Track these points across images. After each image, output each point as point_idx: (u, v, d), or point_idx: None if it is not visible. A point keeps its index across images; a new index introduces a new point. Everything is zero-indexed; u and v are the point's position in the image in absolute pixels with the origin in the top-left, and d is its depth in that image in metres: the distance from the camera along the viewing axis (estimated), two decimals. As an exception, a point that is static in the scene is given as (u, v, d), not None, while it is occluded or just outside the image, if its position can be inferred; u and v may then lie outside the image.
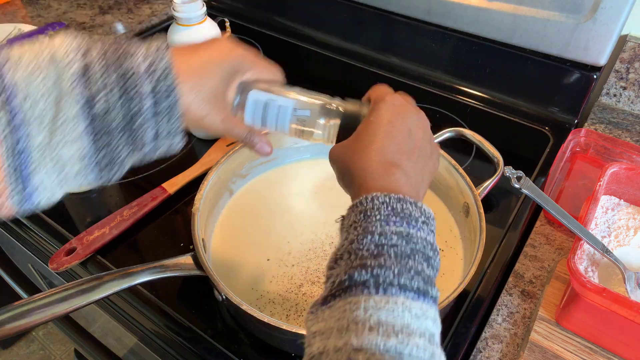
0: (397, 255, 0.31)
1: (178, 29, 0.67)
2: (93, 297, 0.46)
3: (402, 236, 0.32)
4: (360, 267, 0.31)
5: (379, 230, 0.32)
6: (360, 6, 0.94)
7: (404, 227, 0.33)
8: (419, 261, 0.32)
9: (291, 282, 0.57)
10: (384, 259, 0.31)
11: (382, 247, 0.32)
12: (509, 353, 0.51)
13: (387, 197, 0.34)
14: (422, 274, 0.32)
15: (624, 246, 0.55)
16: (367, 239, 0.32)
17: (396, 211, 0.33)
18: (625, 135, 0.78)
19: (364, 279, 0.30)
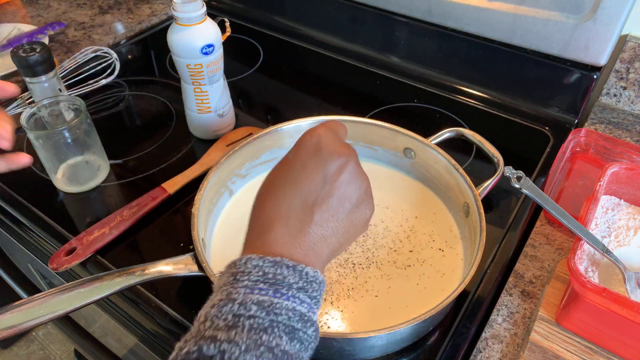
0: (252, 329, 0.29)
1: (178, 28, 0.67)
2: (93, 297, 0.46)
3: (264, 307, 0.30)
4: (210, 340, 0.29)
5: (240, 299, 0.30)
6: (360, 6, 0.94)
7: (269, 295, 0.30)
8: (276, 335, 0.29)
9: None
10: (236, 332, 0.29)
11: (238, 318, 0.29)
12: (509, 353, 0.51)
13: (261, 259, 0.32)
14: (277, 350, 0.29)
15: (624, 246, 0.55)
16: (227, 307, 0.30)
17: (267, 277, 0.31)
18: (626, 135, 0.78)
19: (211, 354, 0.28)
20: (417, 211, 0.65)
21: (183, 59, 0.68)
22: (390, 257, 0.59)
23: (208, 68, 0.69)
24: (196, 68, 0.69)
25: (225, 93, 0.76)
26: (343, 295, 0.55)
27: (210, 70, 0.70)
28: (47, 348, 1.45)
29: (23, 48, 0.70)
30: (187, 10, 0.66)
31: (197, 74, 0.70)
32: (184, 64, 0.69)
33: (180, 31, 0.67)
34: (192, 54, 0.67)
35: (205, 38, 0.67)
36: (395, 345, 0.51)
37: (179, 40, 0.67)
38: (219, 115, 0.75)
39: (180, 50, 0.68)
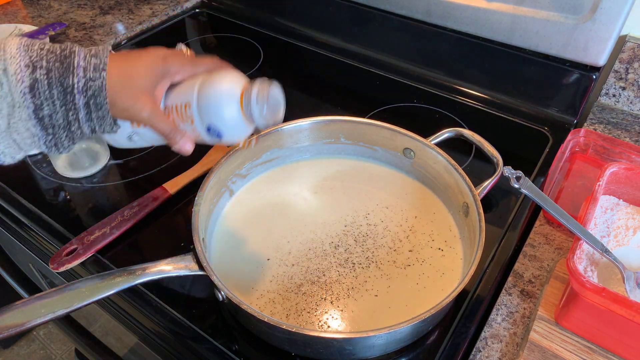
0: None
1: None
2: (94, 296, 0.47)
3: None
4: None
5: None
6: (360, 6, 0.94)
7: None
8: None
9: (291, 281, 0.57)
10: None
11: None
12: (508, 352, 0.51)
13: None
14: None
15: (623, 246, 0.55)
16: None
17: None
18: (625, 135, 0.78)
19: None
20: (417, 211, 0.65)
21: (190, 106, 0.48)
22: (390, 257, 0.59)
23: (193, 130, 0.48)
24: (185, 117, 0.48)
25: None
26: (343, 294, 0.55)
27: (189, 130, 0.49)
28: (48, 347, 1.45)
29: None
30: None
31: (178, 118, 0.48)
32: (185, 106, 0.48)
33: None
34: (201, 118, 0.47)
35: None
36: (395, 345, 0.52)
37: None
38: (128, 138, 0.51)
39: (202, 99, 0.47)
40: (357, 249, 0.60)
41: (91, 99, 0.43)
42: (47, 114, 0.42)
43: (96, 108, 0.43)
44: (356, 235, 0.62)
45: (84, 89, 0.42)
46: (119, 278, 0.48)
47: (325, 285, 0.56)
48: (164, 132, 0.47)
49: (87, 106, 0.43)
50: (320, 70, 0.99)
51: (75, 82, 0.42)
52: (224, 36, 1.09)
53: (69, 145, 0.44)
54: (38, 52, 0.41)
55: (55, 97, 0.41)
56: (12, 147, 0.42)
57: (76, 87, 0.42)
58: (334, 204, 0.66)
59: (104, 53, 0.44)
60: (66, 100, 0.42)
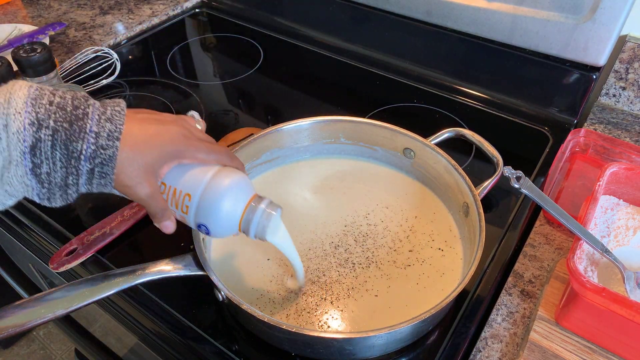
0: None
1: None
2: (93, 297, 0.47)
3: None
4: None
5: None
6: (360, 6, 0.94)
7: None
8: None
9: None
10: None
11: None
12: (508, 353, 0.51)
13: None
14: None
15: (624, 246, 0.55)
16: None
17: None
18: (625, 135, 0.78)
19: None
20: (417, 211, 0.65)
21: (186, 197, 0.46)
22: (390, 257, 0.59)
23: (182, 218, 0.47)
24: (179, 202, 0.46)
25: None
26: (343, 294, 0.55)
27: (179, 217, 0.48)
28: (48, 347, 1.45)
29: (24, 48, 0.70)
30: None
31: (171, 202, 0.47)
32: (182, 193, 0.46)
33: None
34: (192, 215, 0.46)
35: None
36: (395, 345, 0.52)
37: None
38: None
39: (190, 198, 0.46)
40: (357, 249, 0.60)
41: (97, 167, 0.40)
42: (45, 172, 0.39)
43: (100, 176, 0.41)
44: (356, 235, 0.62)
45: (92, 156, 0.39)
46: (119, 278, 0.48)
47: (325, 285, 0.56)
48: (154, 213, 0.46)
49: (90, 173, 0.40)
50: (320, 70, 0.99)
51: (84, 148, 0.39)
52: (224, 36, 1.09)
53: (61, 203, 0.42)
54: (46, 108, 0.38)
55: (57, 159, 0.38)
56: (2, 196, 0.40)
57: (84, 154, 0.39)
58: (334, 204, 0.66)
59: (120, 117, 0.40)
60: (69, 164, 0.39)
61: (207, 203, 0.45)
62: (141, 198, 0.44)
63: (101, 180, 0.41)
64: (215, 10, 1.15)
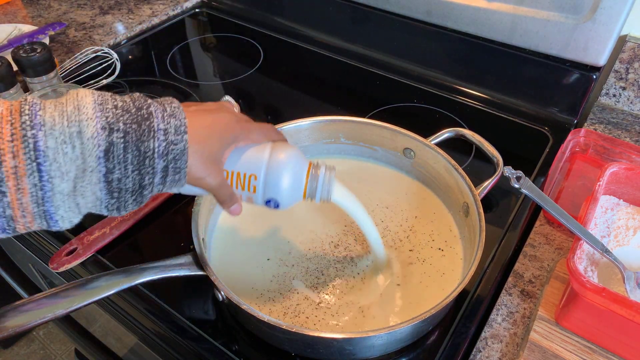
0: None
1: None
2: (93, 297, 0.47)
3: None
4: None
5: None
6: (360, 6, 0.94)
7: None
8: None
9: (291, 281, 0.57)
10: None
11: None
12: (508, 353, 0.51)
13: None
14: None
15: (624, 246, 0.55)
16: None
17: None
18: (625, 135, 0.78)
19: None
20: (417, 211, 0.65)
21: (250, 176, 0.48)
22: (388, 256, 0.59)
23: (245, 195, 0.49)
24: (245, 185, 0.48)
25: None
26: (342, 294, 0.55)
27: (243, 197, 0.49)
28: (48, 347, 1.45)
29: (24, 48, 0.70)
30: None
31: (236, 185, 0.48)
32: (245, 175, 0.48)
33: None
34: (261, 190, 0.48)
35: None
36: (395, 345, 0.52)
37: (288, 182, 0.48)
38: None
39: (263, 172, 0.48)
40: (357, 248, 0.60)
41: (171, 162, 0.41)
42: (116, 178, 0.39)
43: (174, 172, 0.41)
44: (356, 235, 0.62)
45: (165, 152, 0.40)
46: (119, 278, 0.48)
47: (325, 285, 0.56)
48: (223, 199, 0.47)
49: (164, 170, 0.41)
50: (320, 70, 0.99)
51: (156, 146, 0.40)
52: (224, 36, 1.09)
53: (132, 209, 0.42)
54: (114, 112, 0.38)
55: (129, 162, 0.39)
56: (72, 211, 0.40)
57: (157, 152, 0.40)
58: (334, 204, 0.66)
59: (180, 113, 0.42)
60: (142, 166, 0.39)
61: (272, 178, 0.47)
62: (213, 187, 0.45)
63: (175, 176, 0.42)
64: (215, 10, 1.15)
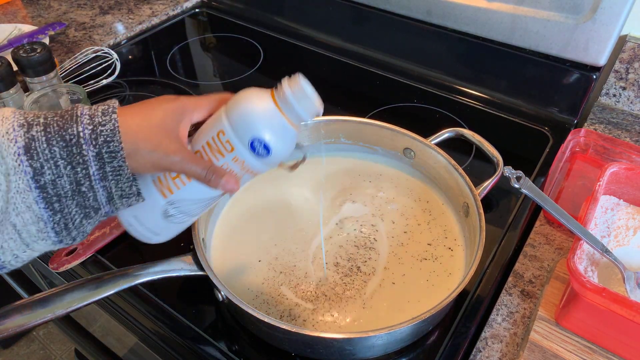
0: None
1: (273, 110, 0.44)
2: (93, 297, 0.47)
3: None
4: None
5: None
6: (360, 6, 0.94)
7: None
8: None
9: (291, 281, 0.57)
10: None
11: None
12: (508, 353, 0.51)
13: None
14: None
15: (624, 246, 0.55)
16: None
17: None
18: (625, 135, 0.78)
19: None
20: (417, 211, 0.65)
21: (225, 128, 0.42)
22: (387, 260, 0.59)
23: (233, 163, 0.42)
24: (223, 147, 0.42)
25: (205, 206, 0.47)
26: (342, 294, 0.55)
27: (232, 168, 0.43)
28: (48, 347, 1.45)
29: (24, 48, 0.70)
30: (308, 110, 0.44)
31: (214, 152, 0.43)
32: (219, 132, 0.42)
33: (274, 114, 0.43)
34: (240, 133, 0.42)
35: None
36: (395, 345, 0.51)
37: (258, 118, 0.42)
38: (164, 213, 0.45)
39: (237, 116, 0.42)
40: (356, 250, 0.60)
41: (103, 147, 0.36)
42: (49, 180, 0.34)
43: (110, 157, 0.36)
44: (354, 236, 0.62)
45: (92, 136, 0.35)
46: (119, 278, 0.48)
47: (324, 290, 0.56)
48: (202, 174, 0.40)
49: (98, 158, 0.36)
50: (320, 69, 0.99)
51: (80, 130, 0.35)
52: (224, 36, 1.09)
53: (82, 224, 0.37)
54: (35, 114, 0.36)
55: (57, 157, 0.34)
56: (13, 240, 0.35)
57: (82, 136, 0.35)
58: (334, 202, 0.66)
59: (111, 101, 0.38)
60: (72, 155, 0.35)
61: (237, 117, 0.41)
62: (175, 162, 0.39)
63: (113, 162, 0.36)
64: (215, 10, 1.15)
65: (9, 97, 0.69)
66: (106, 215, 0.39)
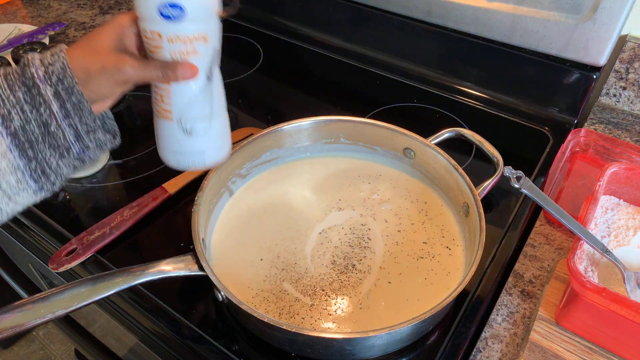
0: None
1: None
2: (93, 297, 0.47)
3: None
4: None
5: None
6: (360, 6, 0.94)
7: None
8: None
9: (291, 281, 0.57)
10: None
11: None
12: (508, 353, 0.51)
13: None
14: None
15: (624, 246, 0.55)
16: None
17: None
18: (625, 135, 0.78)
19: None
20: (416, 211, 0.65)
21: (141, 23, 0.42)
22: (384, 259, 0.59)
23: (171, 44, 0.41)
24: (153, 39, 0.42)
25: (205, 99, 0.47)
26: (341, 293, 0.55)
27: (177, 49, 0.42)
28: (48, 348, 1.45)
29: (23, 48, 0.70)
30: None
31: (155, 48, 0.42)
32: (143, 32, 0.43)
33: None
34: (148, 13, 0.41)
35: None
36: (395, 345, 0.51)
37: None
38: (184, 131, 0.46)
39: (137, 3, 0.41)
40: (354, 249, 0.60)
41: (58, 84, 0.39)
42: (18, 126, 0.38)
43: (67, 94, 0.39)
44: (354, 236, 0.62)
45: (46, 76, 0.39)
46: (119, 278, 0.48)
47: (322, 286, 0.56)
48: (159, 74, 0.42)
49: (56, 96, 0.39)
50: (320, 69, 0.99)
51: (34, 71, 0.39)
52: (224, 36, 1.09)
53: (58, 166, 0.40)
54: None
55: (22, 101, 0.38)
56: None
57: (37, 77, 0.38)
58: (334, 202, 0.66)
59: (60, 45, 0.41)
60: (33, 97, 0.38)
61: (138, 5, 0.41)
62: (130, 72, 0.41)
63: (72, 97, 0.39)
64: (215, 10, 1.15)
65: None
66: (79, 158, 0.42)
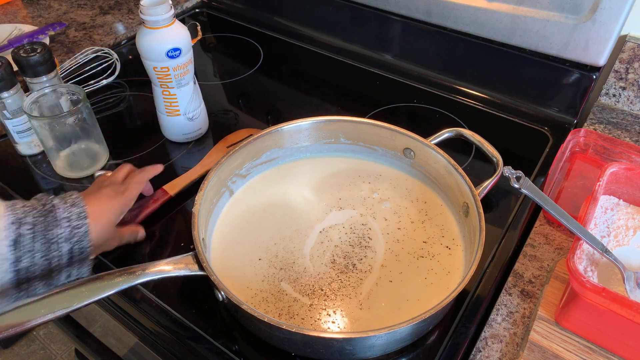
0: None
1: (145, 31, 0.67)
2: (94, 296, 0.47)
3: None
4: None
5: None
6: (360, 6, 0.94)
7: None
8: None
9: (290, 276, 0.57)
10: None
11: None
12: (508, 353, 0.51)
13: None
14: None
15: (623, 246, 0.55)
16: None
17: None
18: (625, 135, 0.78)
19: None
20: (416, 211, 0.65)
21: (150, 62, 0.69)
22: (385, 259, 0.59)
23: (175, 71, 0.70)
24: (163, 71, 0.69)
25: (195, 97, 0.75)
26: (340, 296, 0.55)
27: (178, 73, 0.70)
28: (48, 347, 1.45)
29: (24, 48, 0.70)
30: (154, 13, 0.65)
31: (164, 76, 0.70)
32: (151, 67, 0.69)
33: (147, 34, 0.67)
34: (159, 57, 0.68)
35: (171, 41, 0.67)
36: (395, 345, 0.52)
37: (145, 43, 0.67)
38: (189, 119, 0.76)
39: (147, 53, 0.68)
40: (354, 250, 0.60)
41: (75, 244, 0.49)
42: (24, 266, 0.46)
43: (79, 252, 0.49)
44: (354, 236, 0.62)
45: (69, 237, 0.48)
46: (119, 278, 0.48)
47: (321, 285, 0.56)
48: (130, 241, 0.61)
49: (70, 252, 0.49)
50: (320, 70, 0.99)
51: (61, 232, 0.48)
52: (224, 36, 1.09)
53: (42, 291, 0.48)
54: (22, 210, 0.47)
55: (36, 250, 0.46)
56: None
57: (63, 237, 0.48)
58: (334, 202, 0.66)
59: (80, 202, 0.51)
60: (49, 251, 0.47)
61: (145, 53, 0.69)
62: (125, 240, 0.60)
63: (81, 255, 0.50)
64: (215, 10, 1.15)
65: (9, 97, 0.69)
66: None
